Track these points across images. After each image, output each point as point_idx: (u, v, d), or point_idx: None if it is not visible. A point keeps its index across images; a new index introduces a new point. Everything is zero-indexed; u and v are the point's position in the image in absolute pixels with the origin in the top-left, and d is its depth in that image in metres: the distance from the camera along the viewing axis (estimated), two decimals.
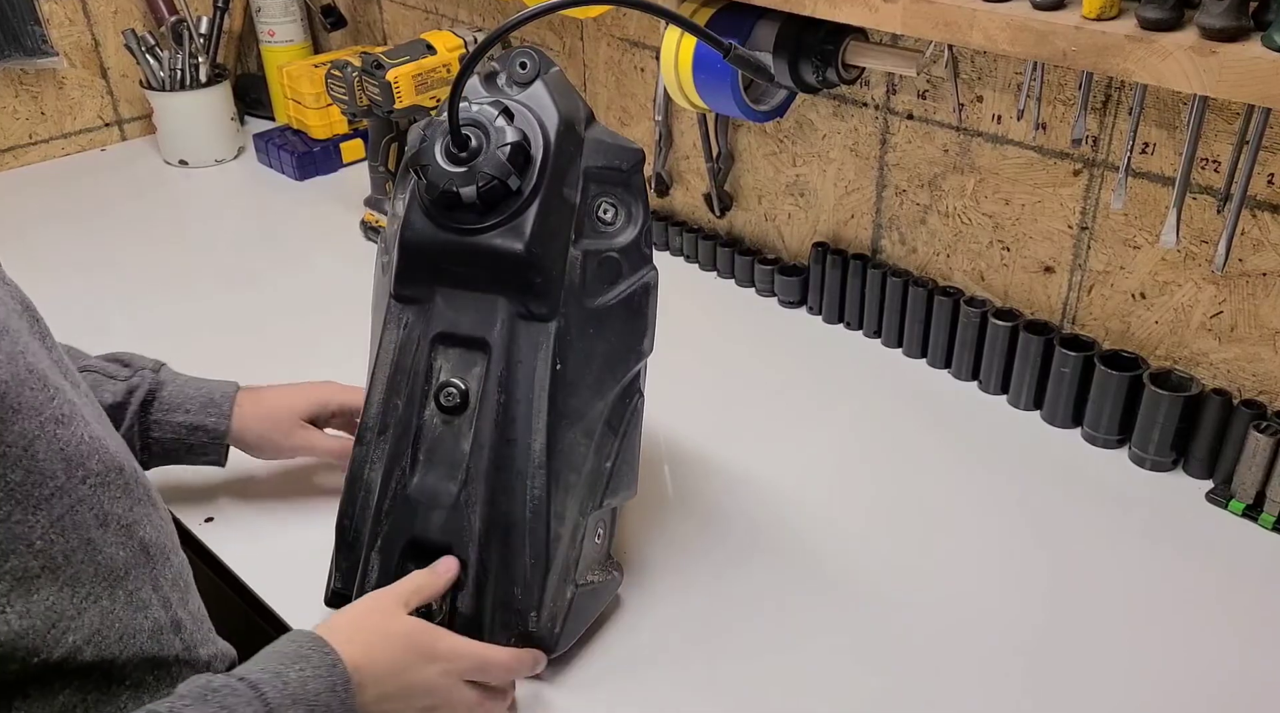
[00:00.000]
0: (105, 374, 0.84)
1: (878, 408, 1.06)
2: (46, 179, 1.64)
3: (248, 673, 0.59)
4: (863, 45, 0.99)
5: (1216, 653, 0.77)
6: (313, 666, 0.60)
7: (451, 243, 0.72)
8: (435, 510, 0.75)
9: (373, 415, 0.76)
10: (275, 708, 0.57)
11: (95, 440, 0.57)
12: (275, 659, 0.60)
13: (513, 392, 0.73)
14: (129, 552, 0.59)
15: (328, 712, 0.59)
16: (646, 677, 0.77)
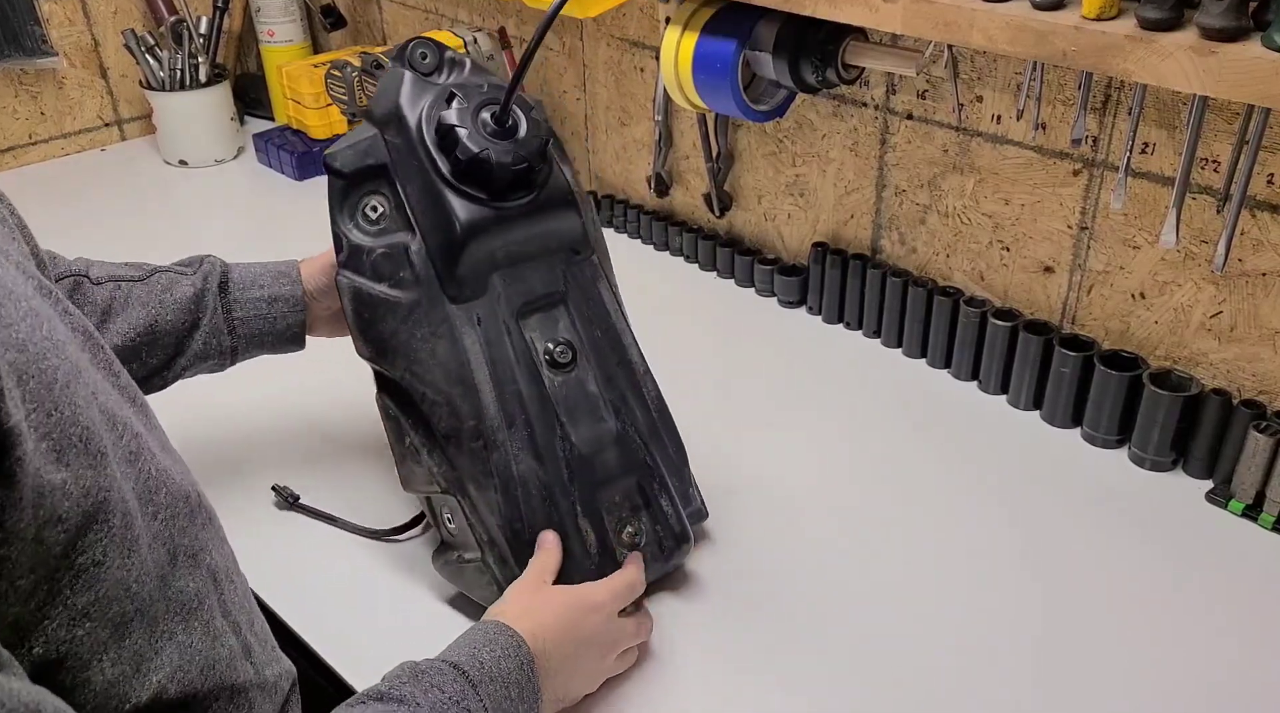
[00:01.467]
0: (177, 272, 0.87)
1: (877, 408, 1.06)
2: (46, 179, 1.64)
3: (448, 656, 0.65)
4: (863, 45, 0.99)
5: (1216, 653, 0.77)
6: (501, 647, 0.67)
7: (511, 223, 0.77)
8: (606, 452, 0.79)
9: (492, 416, 0.75)
10: (477, 684, 0.64)
11: (162, 473, 0.57)
12: (469, 644, 0.67)
13: (601, 322, 0.82)
14: (199, 582, 0.59)
15: (518, 686, 0.66)
16: (644, 676, 0.77)
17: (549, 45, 1.44)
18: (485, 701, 0.63)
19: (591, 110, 1.44)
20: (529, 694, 0.67)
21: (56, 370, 0.48)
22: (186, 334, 0.85)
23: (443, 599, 0.83)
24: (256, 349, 0.89)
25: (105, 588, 0.50)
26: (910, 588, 0.84)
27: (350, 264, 0.78)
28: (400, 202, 0.77)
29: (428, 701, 0.61)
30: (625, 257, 1.38)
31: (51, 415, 0.47)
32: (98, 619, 0.51)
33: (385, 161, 0.77)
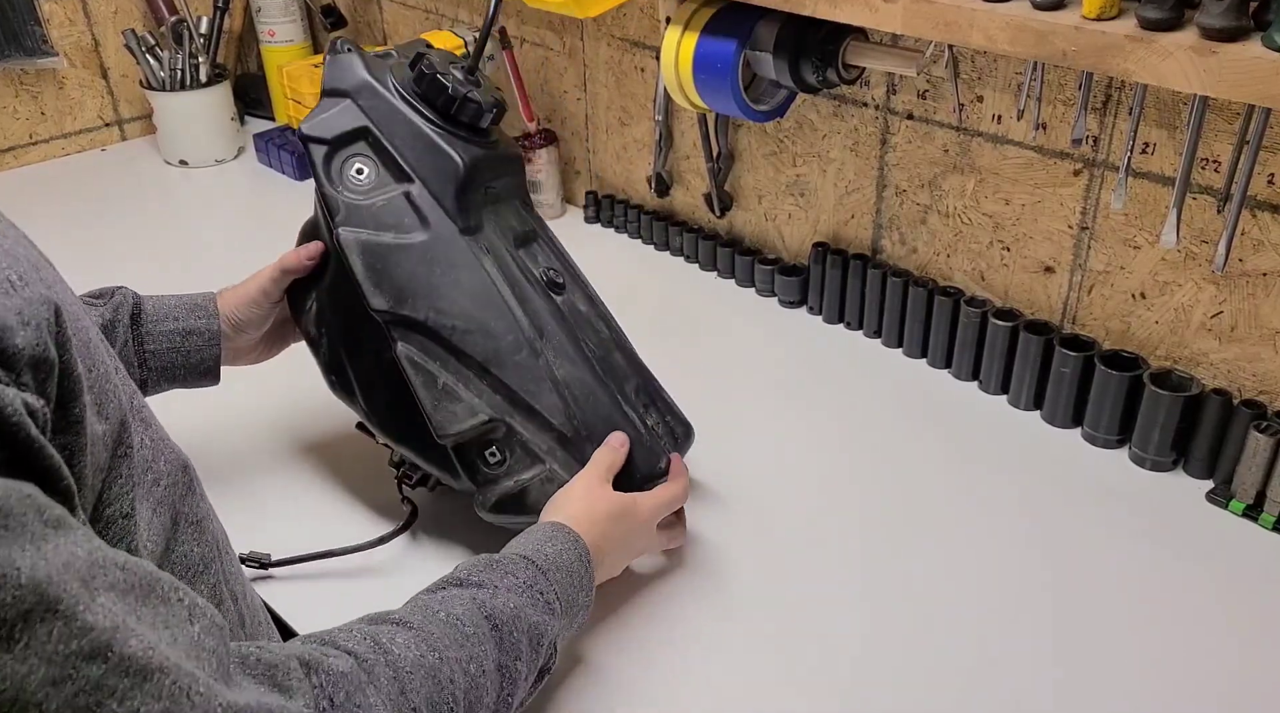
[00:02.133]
0: (87, 302, 0.86)
1: (878, 408, 1.06)
2: (46, 179, 1.64)
3: (517, 549, 0.72)
4: (863, 45, 0.99)
5: (1216, 653, 0.77)
6: (562, 542, 0.73)
7: (493, 157, 0.86)
8: (613, 355, 0.87)
9: (527, 328, 0.81)
10: (546, 572, 0.70)
11: (159, 441, 0.58)
12: (534, 540, 0.73)
13: (562, 259, 0.91)
14: (204, 547, 0.60)
15: (578, 576, 0.73)
16: (643, 676, 0.77)
17: (549, 45, 1.44)
18: (555, 586, 0.70)
19: (592, 110, 1.44)
20: (586, 584, 0.74)
21: (89, 331, 0.50)
22: None
23: None
24: (167, 383, 0.88)
25: (134, 541, 0.51)
26: (909, 588, 0.84)
27: (352, 221, 0.82)
28: (390, 156, 0.83)
29: (504, 584, 0.67)
30: (625, 257, 1.39)
31: (92, 370, 0.48)
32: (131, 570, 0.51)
33: (365, 123, 0.84)
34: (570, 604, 0.71)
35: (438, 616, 0.63)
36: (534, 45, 1.46)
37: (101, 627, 0.39)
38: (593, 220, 1.47)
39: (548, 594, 0.69)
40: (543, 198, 1.47)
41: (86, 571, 0.40)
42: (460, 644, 0.61)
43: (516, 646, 0.65)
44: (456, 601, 0.65)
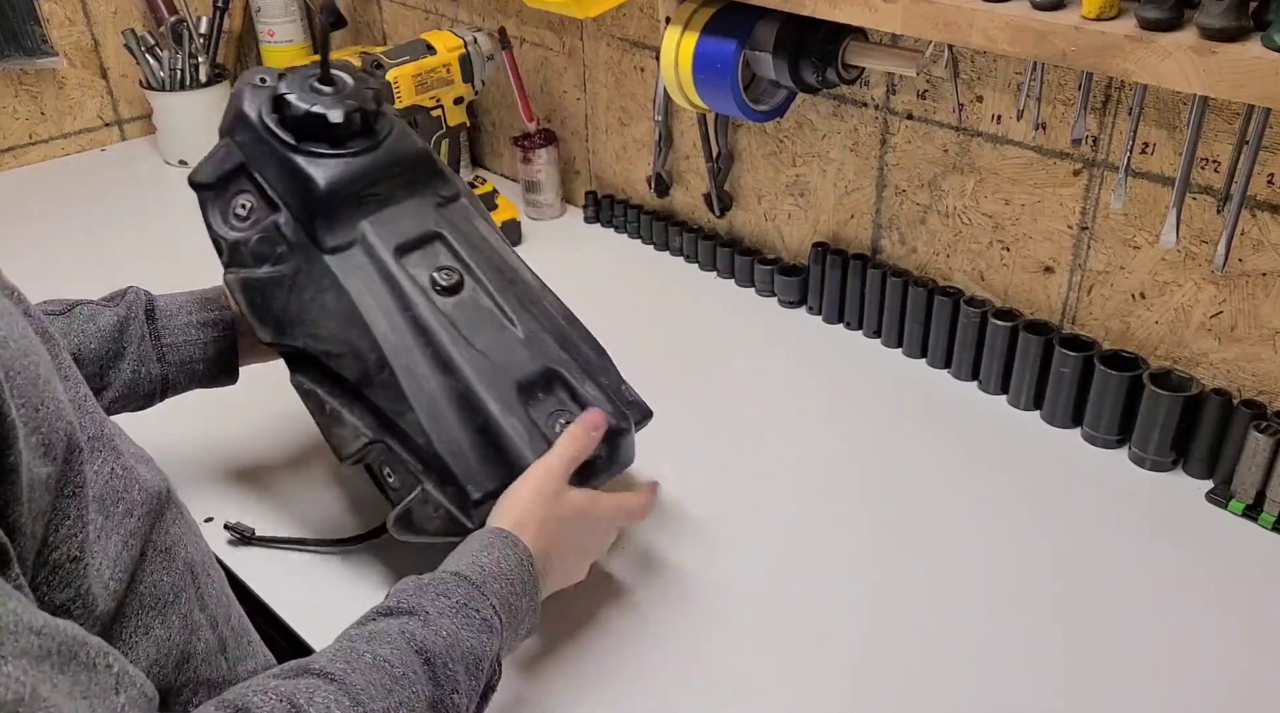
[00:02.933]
0: (100, 305, 0.85)
1: (877, 408, 1.06)
2: (46, 179, 1.64)
3: (449, 566, 0.68)
4: (863, 45, 1.00)
5: (1216, 653, 0.77)
6: (499, 549, 0.69)
7: (365, 165, 0.82)
8: (515, 353, 0.81)
9: (392, 343, 0.78)
10: (480, 584, 0.66)
11: (129, 470, 0.57)
12: (468, 553, 0.69)
13: (485, 251, 0.84)
14: (174, 575, 0.59)
15: (519, 583, 0.69)
16: (641, 675, 0.77)
17: (549, 45, 1.44)
18: (492, 599, 0.66)
19: (591, 110, 1.44)
20: (530, 589, 0.70)
21: (37, 366, 0.48)
22: (111, 363, 0.83)
23: None
24: (188, 381, 0.88)
25: (86, 583, 0.50)
26: (909, 588, 0.84)
27: (234, 261, 0.83)
28: (262, 188, 0.82)
29: (436, 608, 0.63)
30: (625, 257, 1.39)
31: (38, 411, 0.47)
32: (79, 617, 0.50)
33: (240, 160, 0.83)
34: (513, 614, 0.68)
35: (363, 659, 0.58)
36: (534, 45, 1.46)
37: (3, 698, 0.37)
38: (592, 220, 1.47)
39: (484, 611, 0.65)
40: (542, 198, 1.47)
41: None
42: (389, 692, 0.57)
43: (453, 678, 0.61)
44: (385, 638, 0.60)
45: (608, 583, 0.85)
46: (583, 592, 0.84)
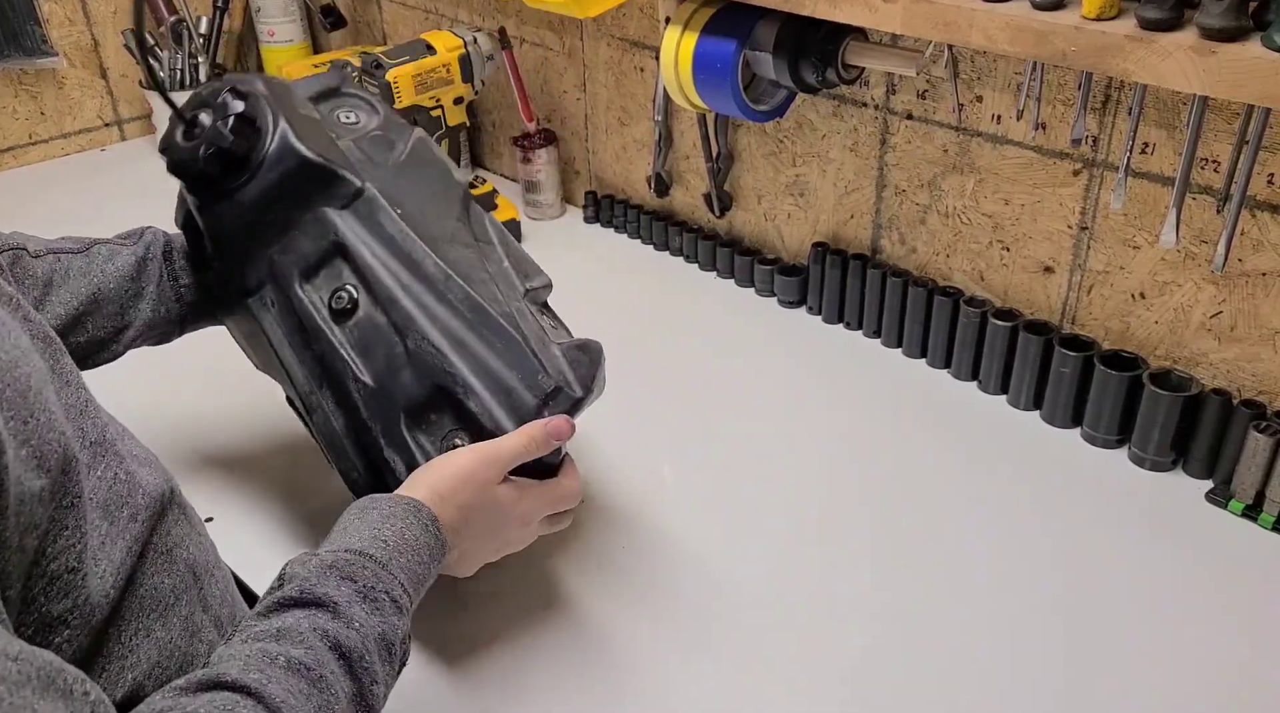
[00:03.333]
0: (118, 243, 0.86)
1: (877, 408, 1.06)
2: (46, 179, 1.64)
3: (351, 542, 0.65)
4: (863, 45, 1.00)
5: (1216, 653, 0.77)
6: (402, 519, 0.67)
7: (246, 200, 0.78)
8: (400, 374, 0.77)
9: (303, 384, 0.80)
10: (386, 563, 0.63)
11: (131, 474, 0.56)
12: (369, 525, 0.66)
13: (389, 248, 0.79)
14: (175, 578, 0.59)
15: (429, 551, 0.67)
16: (641, 671, 0.77)
17: (549, 45, 1.45)
18: (399, 576, 0.64)
19: (591, 110, 1.44)
20: (437, 555, 0.68)
21: (29, 377, 0.48)
22: (131, 302, 0.84)
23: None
24: (206, 318, 0.89)
25: (84, 594, 0.50)
26: (910, 588, 0.84)
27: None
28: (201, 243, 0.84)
29: (343, 596, 0.60)
30: (625, 257, 1.39)
31: (29, 422, 0.46)
32: (76, 627, 0.50)
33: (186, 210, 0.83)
34: (420, 584, 0.66)
35: (278, 664, 0.55)
36: (534, 45, 1.46)
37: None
38: (592, 220, 1.47)
39: (393, 591, 0.63)
40: (542, 198, 1.47)
41: None
42: (308, 697, 0.55)
43: (370, 670, 0.59)
44: (296, 636, 0.57)
45: (609, 581, 0.85)
46: (584, 590, 0.84)
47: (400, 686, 0.76)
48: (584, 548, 0.89)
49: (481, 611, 0.82)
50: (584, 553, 0.88)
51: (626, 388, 1.09)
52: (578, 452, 1.00)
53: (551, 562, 0.87)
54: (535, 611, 0.83)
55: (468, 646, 0.79)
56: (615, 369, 0.95)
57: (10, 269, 0.78)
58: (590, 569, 0.86)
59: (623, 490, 0.95)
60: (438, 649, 0.79)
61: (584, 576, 0.86)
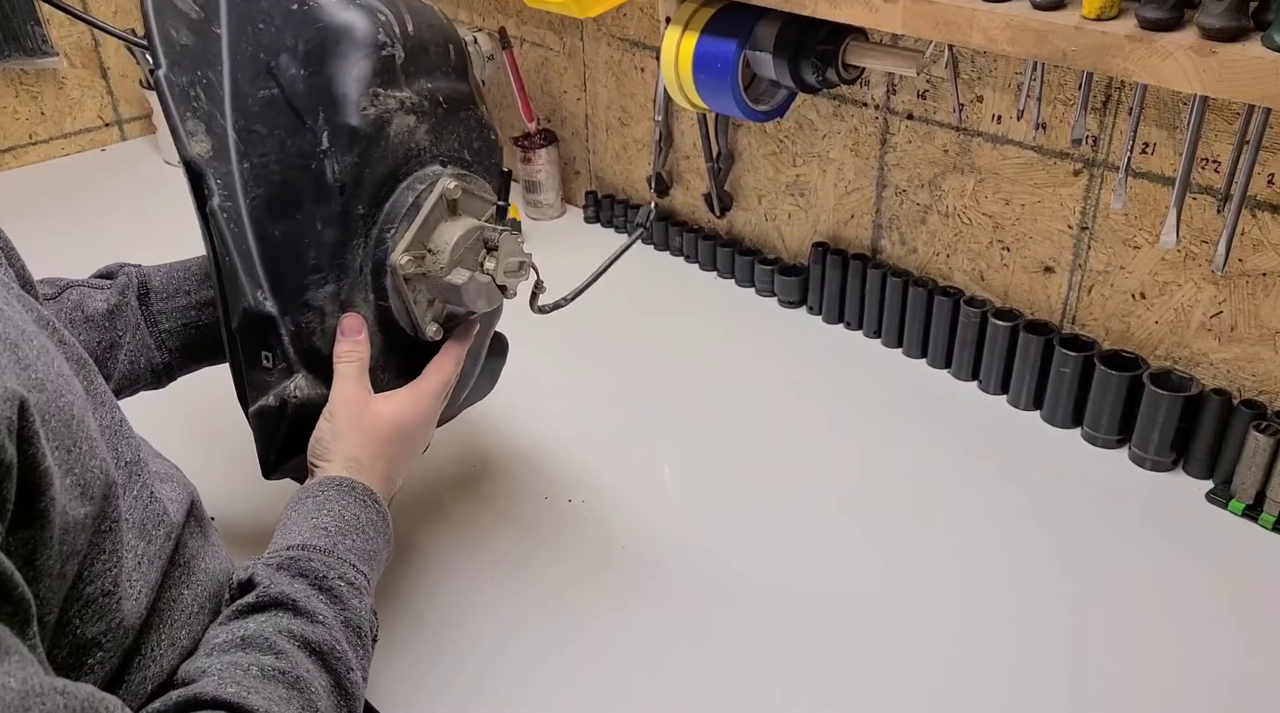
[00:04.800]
0: (91, 286, 0.81)
1: (877, 408, 1.06)
2: (46, 179, 1.64)
3: (292, 539, 0.64)
4: (863, 45, 0.99)
5: (1216, 653, 0.77)
6: (338, 502, 0.66)
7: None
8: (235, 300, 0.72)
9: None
10: (331, 550, 0.63)
11: (160, 496, 0.57)
12: (305, 517, 0.66)
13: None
14: (195, 588, 0.59)
15: (373, 526, 0.67)
16: (642, 671, 0.77)
17: (549, 45, 1.44)
18: (349, 558, 0.63)
19: (592, 110, 1.44)
20: (382, 527, 0.68)
21: (71, 406, 0.48)
22: (108, 354, 0.78)
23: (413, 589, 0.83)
24: (194, 362, 0.83)
25: (117, 617, 0.50)
26: (908, 587, 0.84)
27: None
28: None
29: (299, 592, 0.60)
30: (625, 256, 1.38)
31: (72, 451, 0.46)
32: (110, 648, 0.50)
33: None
34: (373, 559, 0.66)
35: (251, 673, 0.54)
36: (534, 45, 1.46)
37: None
38: (592, 220, 1.47)
39: (347, 575, 0.62)
40: (542, 198, 1.47)
41: (19, 703, 0.38)
42: (289, 700, 0.54)
43: (344, 658, 0.59)
44: (263, 643, 0.56)
45: (609, 581, 0.85)
46: (585, 590, 0.84)
47: (401, 686, 0.76)
48: (584, 548, 0.89)
49: (482, 612, 0.82)
50: (584, 553, 0.88)
51: (627, 387, 1.09)
52: (578, 451, 1.00)
53: (552, 562, 0.87)
54: (536, 611, 0.82)
55: (468, 647, 0.79)
56: (616, 369, 0.95)
57: None
58: (590, 569, 0.86)
59: (623, 490, 0.95)
60: (438, 650, 0.79)
61: (584, 576, 0.86)
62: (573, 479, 0.96)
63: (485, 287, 0.73)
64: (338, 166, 0.71)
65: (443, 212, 0.73)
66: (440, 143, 0.73)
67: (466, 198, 0.73)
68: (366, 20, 0.71)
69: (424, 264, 0.73)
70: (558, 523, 0.91)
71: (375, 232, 0.72)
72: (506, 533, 0.90)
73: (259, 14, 0.72)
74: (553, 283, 0.89)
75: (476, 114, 0.75)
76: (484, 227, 0.73)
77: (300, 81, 0.71)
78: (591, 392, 1.09)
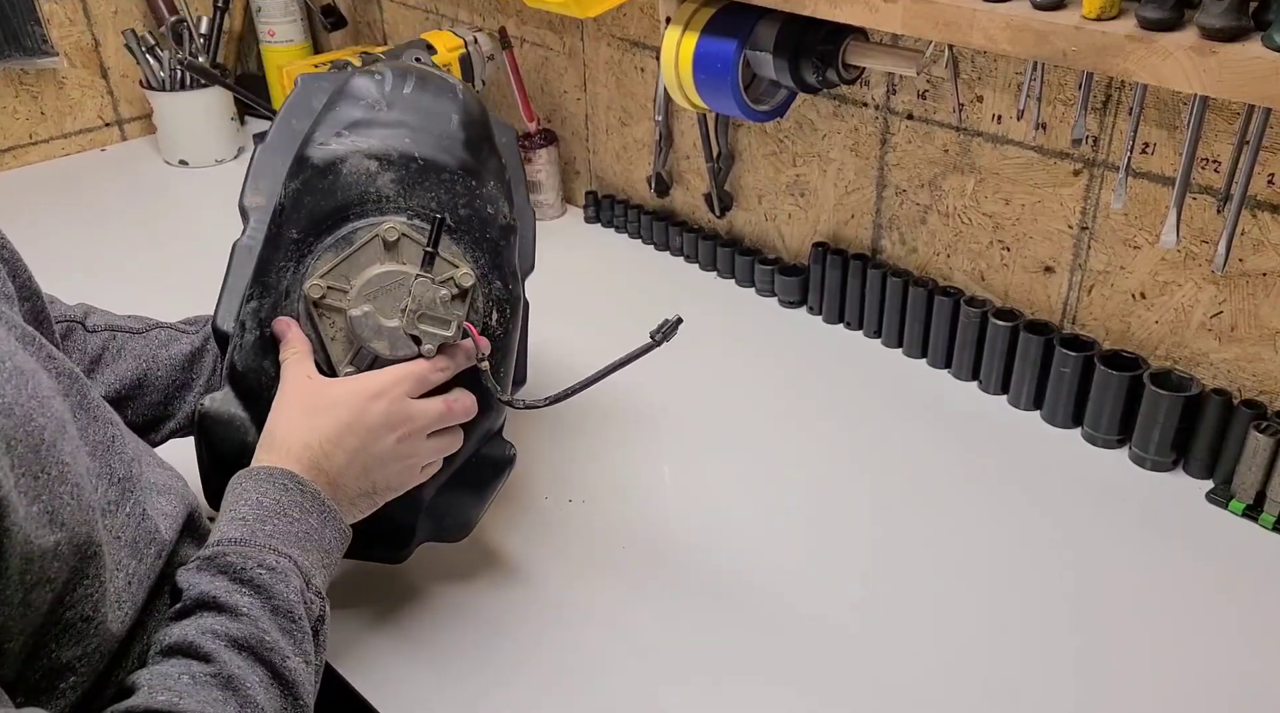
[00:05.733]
0: (179, 329, 0.84)
1: (877, 408, 1.06)
2: (46, 179, 1.64)
3: (213, 534, 0.61)
4: (863, 45, 0.99)
5: (1216, 653, 0.77)
6: (255, 490, 0.63)
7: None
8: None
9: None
10: (248, 540, 0.60)
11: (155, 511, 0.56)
12: (226, 511, 0.63)
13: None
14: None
15: (299, 508, 0.63)
16: (644, 670, 0.77)
17: (549, 45, 1.44)
18: (271, 542, 0.61)
19: (592, 110, 1.44)
20: (314, 506, 0.65)
21: (43, 430, 0.47)
22: (178, 393, 0.81)
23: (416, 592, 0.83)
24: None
25: (95, 642, 0.50)
26: (908, 587, 0.84)
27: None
28: None
29: (219, 588, 0.58)
30: (625, 257, 1.39)
31: (40, 478, 0.46)
32: (84, 673, 0.50)
33: None
34: (306, 541, 0.63)
35: (181, 681, 0.53)
36: (534, 45, 1.46)
37: None
38: (593, 220, 1.47)
39: (268, 561, 0.60)
40: (542, 198, 1.47)
41: None
42: (225, 702, 0.54)
43: (276, 648, 0.57)
44: (188, 647, 0.55)
45: (609, 581, 0.85)
46: (585, 590, 0.84)
47: (400, 686, 0.76)
48: (584, 548, 0.89)
49: (481, 612, 0.82)
50: (584, 553, 0.88)
51: (626, 388, 1.09)
52: (578, 451, 1.00)
53: (552, 562, 0.87)
54: (535, 611, 0.82)
55: (468, 647, 0.79)
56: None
57: (62, 341, 0.77)
58: (591, 569, 0.86)
59: (623, 490, 0.95)
60: (437, 650, 0.79)
61: (584, 576, 0.86)
62: (573, 479, 0.96)
63: (388, 329, 0.71)
64: (284, 190, 0.74)
65: (377, 253, 0.72)
66: (409, 197, 0.73)
67: (410, 245, 0.72)
68: (358, 78, 0.77)
69: (339, 298, 0.72)
70: (558, 523, 0.91)
71: (308, 260, 0.73)
72: (506, 533, 0.90)
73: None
74: (553, 281, 0.89)
75: (465, 183, 0.74)
76: (407, 271, 0.72)
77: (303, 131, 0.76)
78: (591, 391, 1.09)
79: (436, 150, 0.74)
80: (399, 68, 0.79)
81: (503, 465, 0.80)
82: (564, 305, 0.91)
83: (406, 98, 0.76)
